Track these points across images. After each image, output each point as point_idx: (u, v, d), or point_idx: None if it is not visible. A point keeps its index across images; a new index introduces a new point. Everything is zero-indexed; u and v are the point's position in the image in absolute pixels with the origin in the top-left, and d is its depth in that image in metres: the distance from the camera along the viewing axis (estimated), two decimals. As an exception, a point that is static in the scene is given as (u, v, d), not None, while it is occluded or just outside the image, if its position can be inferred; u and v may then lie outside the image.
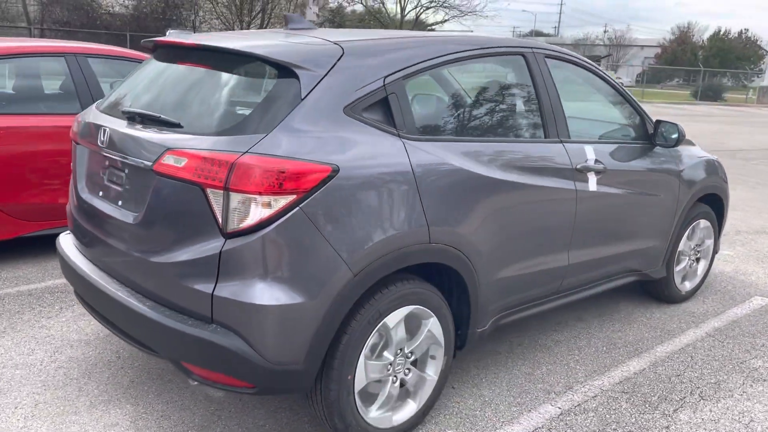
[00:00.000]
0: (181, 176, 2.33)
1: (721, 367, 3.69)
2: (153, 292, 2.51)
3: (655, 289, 4.57)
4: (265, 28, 25.02)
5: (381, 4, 38.73)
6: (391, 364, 2.71)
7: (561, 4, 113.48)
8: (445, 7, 37.41)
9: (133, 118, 2.70)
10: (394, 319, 2.65)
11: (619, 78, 58.76)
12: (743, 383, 3.52)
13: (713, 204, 4.69)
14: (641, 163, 3.87)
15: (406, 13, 37.97)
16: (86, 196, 2.93)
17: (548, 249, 3.33)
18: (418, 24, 38.02)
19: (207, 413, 2.97)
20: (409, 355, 2.79)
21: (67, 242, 3.14)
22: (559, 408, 3.17)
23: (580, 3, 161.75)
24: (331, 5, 30.43)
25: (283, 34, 2.91)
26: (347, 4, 34.37)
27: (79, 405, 2.99)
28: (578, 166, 3.37)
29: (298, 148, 2.33)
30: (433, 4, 37.37)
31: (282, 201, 2.26)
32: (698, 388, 3.44)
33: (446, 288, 2.95)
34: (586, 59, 3.70)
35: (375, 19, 37.22)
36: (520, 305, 3.35)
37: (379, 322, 2.59)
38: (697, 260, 4.72)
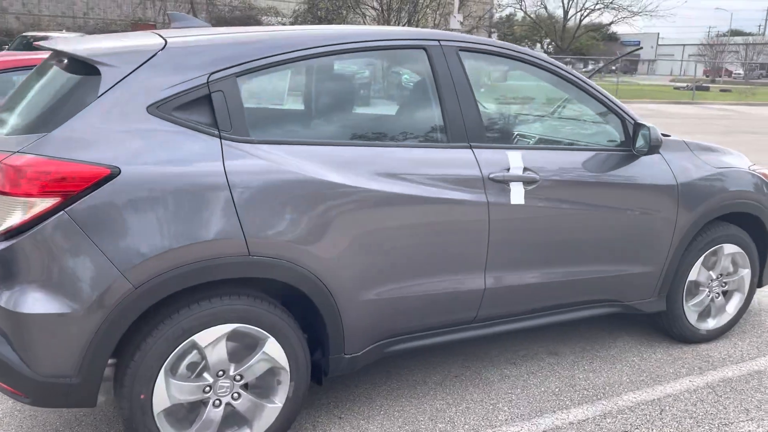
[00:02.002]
0: None
1: (692, 427, 2.98)
2: None
3: (662, 326, 3.84)
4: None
5: (544, 9, 37.55)
6: (210, 386, 2.49)
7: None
8: (613, 8, 35.30)
9: None
10: (208, 337, 2.43)
11: None
12: (707, 451, 2.80)
13: (750, 226, 3.84)
14: (609, 172, 3.24)
15: (569, 17, 36.44)
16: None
17: (448, 270, 2.89)
18: (581, 27, 36.31)
19: (72, 418, 2.94)
20: (238, 378, 2.54)
21: None
22: (442, 455, 2.73)
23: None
24: (489, 13, 29.94)
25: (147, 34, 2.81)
26: (497, 11, 33.57)
27: (-32, 397, 3.10)
28: (492, 176, 2.89)
29: (74, 149, 2.21)
30: (598, 6, 35.45)
31: (44, 204, 2.16)
32: (639, 450, 2.79)
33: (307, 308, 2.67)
34: (529, 51, 3.17)
35: (536, 25, 36.15)
36: (416, 332, 2.95)
37: (184, 340, 2.39)
38: (725, 294, 3.88)
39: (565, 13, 36.33)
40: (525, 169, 2.98)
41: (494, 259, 2.98)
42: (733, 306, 3.90)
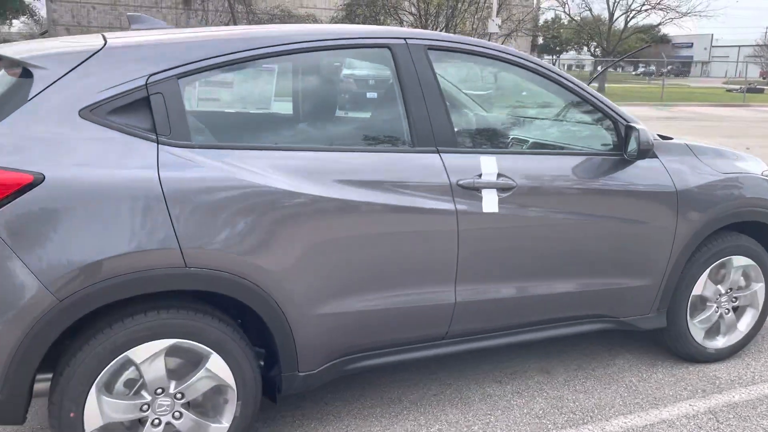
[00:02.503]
0: None
1: (684, 457, 2.72)
2: None
3: (665, 344, 3.56)
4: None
5: (588, 11, 36.78)
6: (148, 405, 2.36)
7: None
8: (660, 9, 34.26)
9: None
10: (144, 353, 2.30)
11: None
12: (697, 486, 2.54)
13: (765, 236, 3.53)
14: (597, 178, 3.00)
15: (615, 19, 35.57)
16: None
17: (413, 283, 2.71)
18: (626, 29, 35.41)
19: (37, 428, 2.86)
20: (179, 396, 2.40)
21: None
22: (401, 482, 2.54)
23: None
24: (529, 15, 29.35)
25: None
26: (541, 13, 32.96)
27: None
28: (461, 182, 2.70)
29: (-1, 155, 2.12)
30: (645, 7, 34.45)
31: (-37, 212, 2.07)
32: (618, 483, 2.55)
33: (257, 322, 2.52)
34: (510, 50, 2.96)
35: (581, 28, 35.48)
36: (380, 348, 2.77)
37: (117, 356, 2.27)
38: (735, 309, 3.57)
39: (611, 15, 35.51)
40: (499, 175, 2.77)
41: (465, 271, 2.78)
42: (745, 323, 3.59)
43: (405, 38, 2.75)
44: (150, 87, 2.33)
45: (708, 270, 3.38)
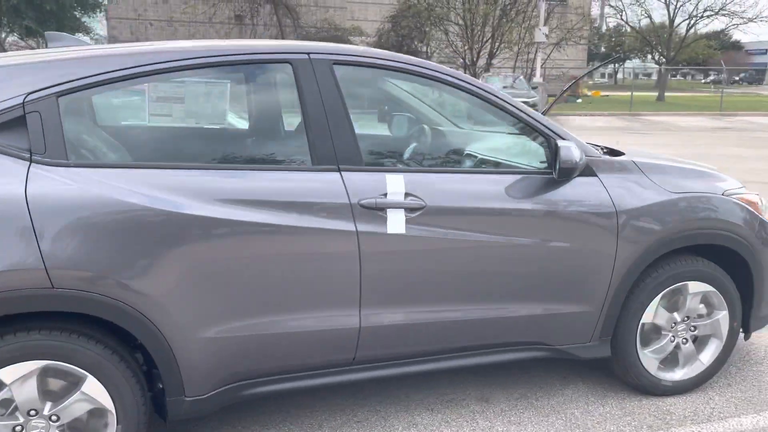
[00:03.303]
0: None
1: (599, 502, 2.50)
2: None
3: (618, 375, 3.32)
4: (495, 54, 24.85)
5: (648, 18, 35.69)
6: (22, 426, 2.33)
7: None
8: (724, 14, 32.90)
9: None
10: (14, 374, 2.28)
11: None
12: None
13: (730, 261, 3.26)
14: (522, 198, 2.83)
15: (676, 25, 34.35)
16: None
17: (310, 306, 2.60)
18: (688, 36, 34.14)
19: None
20: (54, 418, 2.37)
21: None
22: None
23: None
24: (580, 24, 28.61)
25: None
26: (595, 23, 32.12)
27: None
28: (363, 202, 2.58)
29: None
30: (707, 13, 33.15)
31: None
32: None
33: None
34: (426, 64, 2.83)
35: (639, 36, 34.44)
36: (281, 374, 2.67)
37: (-15, 377, 2.25)
38: (695, 339, 3.30)
39: (671, 21, 34.30)
40: (407, 195, 2.64)
41: (370, 294, 2.66)
42: (708, 354, 3.31)
43: (308, 53, 2.66)
44: (27, 105, 2.32)
45: (659, 296, 3.14)
